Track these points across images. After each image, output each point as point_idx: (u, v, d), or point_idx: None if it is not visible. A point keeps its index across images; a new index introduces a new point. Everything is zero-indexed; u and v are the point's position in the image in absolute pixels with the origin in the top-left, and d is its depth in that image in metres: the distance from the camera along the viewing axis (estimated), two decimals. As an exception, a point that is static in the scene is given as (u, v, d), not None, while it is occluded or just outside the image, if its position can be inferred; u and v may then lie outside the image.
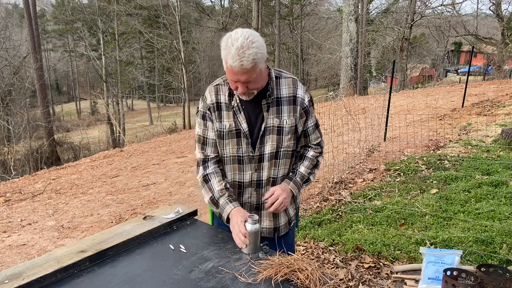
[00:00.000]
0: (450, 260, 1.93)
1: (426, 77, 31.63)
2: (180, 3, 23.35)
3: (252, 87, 1.65)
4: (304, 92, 1.80)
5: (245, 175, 1.80)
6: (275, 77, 1.77)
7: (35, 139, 19.49)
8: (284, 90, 1.77)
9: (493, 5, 23.79)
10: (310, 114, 1.82)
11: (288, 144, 1.78)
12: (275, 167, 1.80)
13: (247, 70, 1.56)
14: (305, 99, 1.79)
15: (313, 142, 1.88)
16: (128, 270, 1.46)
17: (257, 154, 1.76)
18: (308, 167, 1.87)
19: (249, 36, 1.57)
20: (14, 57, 21.74)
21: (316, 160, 1.90)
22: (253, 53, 1.55)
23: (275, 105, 1.75)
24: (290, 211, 1.93)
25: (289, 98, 1.76)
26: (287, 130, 1.76)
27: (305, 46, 36.25)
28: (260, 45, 1.58)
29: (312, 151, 1.89)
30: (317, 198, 4.56)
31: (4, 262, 3.71)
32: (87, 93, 41.18)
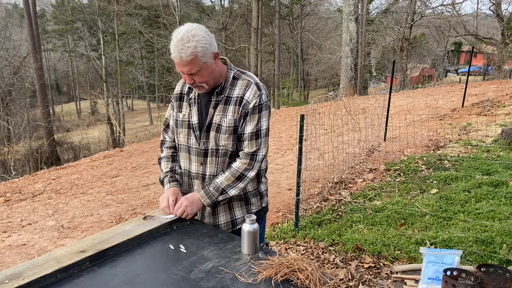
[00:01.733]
0: (450, 260, 1.93)
1: (426, 77, 31.63)
2: (180, 3, 23.34)
3: (199, 81, 1.72)
4: (254, 96, 1.77)
5: (193, 165, 1.90)
6: (232, 77, 1.81)
7: (35, 139, 19.49)
8: (237, 90, 1.79)
9: (493, 5, 23.80)
10: (250, 119, 1.78)
11: (225, 143, 1.80)
12: (216, 165, 1.84)
13: (186, 62, 1.64)
14: (251, 103, 1.76)
15: (245, 150, 1.80)
16: (128, 270, 1.46)
17: (202, 148, 1.84)
18: (228, 178, 1.80)
19: (192, 30, 1.64)
20: (14, 57, 21.75)
21: (241, 173, 1.80)
22: (192, 46, 1.62)
23: (223, 103, 1.79)
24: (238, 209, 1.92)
25: (237, 99, 1.78)
26: (224, 129, 1.78)
27: (305, 46, 36.23)
28: (202, 39, 1.64)
29: (239, 163, 1.81)
30: (317, 198, 4.56)
31: (4, 262, 3.71)
32: (87, 93, 41.18)
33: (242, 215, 1.92)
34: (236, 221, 1.93)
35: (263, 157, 1.84)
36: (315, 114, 4.37)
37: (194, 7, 30.10)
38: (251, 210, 1.94)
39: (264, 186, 2.00)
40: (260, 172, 1.94)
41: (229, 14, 28.35)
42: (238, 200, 1.91)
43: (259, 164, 1.84)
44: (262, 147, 1.82)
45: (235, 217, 1.92)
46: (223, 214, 1.92)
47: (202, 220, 1.94)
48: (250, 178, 1.82)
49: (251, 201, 1.94)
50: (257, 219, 1.94)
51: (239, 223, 1.92)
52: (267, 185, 2.05)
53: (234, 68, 1.85)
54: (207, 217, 1.93)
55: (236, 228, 1.92)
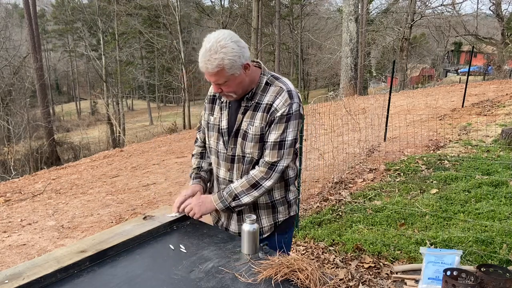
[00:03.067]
0: (450, 260, 1.93)
1: (426, 77, 31.63)
2: (180, 3, 23.35)
3: (227, 90, 1.67)
4: (284, 104, 1.68)
5: (221, 171, 1.86)
6: (265, 83, 1.74)
7: (35, 139, 19.50)
8: (267, 97, 1.71)
9: (493, 5, 23.80)
10: (275, 127, 1.69)
11: (251, 151, 1.74)
12: (242, 172, 1.79)
13: (212, 73, 1.60)
14: (279, 111, 1.68)
15: (266, 158, 1.72)
16: (128, 270, 1.46)
17: (229, 154, 1.79)
18: (243, 185, 1.73)
19: (221, 40, 1.57)
20: (14, 57, 21.76)
21: (256, 181, 1.72)
22: (219, 58, 1.56)
23: (252, 110, 1.73)
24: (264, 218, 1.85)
25: (266, 106, 1.70)
26: (250, 137, 1.72)
27: (305, 46, 36.24)
28: (230, 51, 1.57)
29: (257, 170, 1.74)
30: (317, 198, 4.56)
31: (4, 262, 3.71)
32: (87, 93, 41.19)
33: (269, 224, 1.86)
34: (263, 229, 1.85)
35: (283, 168, 1.74)
36: (315, 114, 4.37)
37: (194, 7, 30.11)
38: (278, 219, 1.87)
39: (292, 194, 1.92)
40: (288, 180, 1.86)
41: (229, 14, 28.34)
42: (265, 208, 1.84)
43: (278, 175, 1.74)
44: (284, 158, 1.73)
45: (261, 225, 1.86)
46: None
47: (228, 226, 1.89)
48: (266, 187, 1.74)
49: (278, 210, 1.86)
50: (285, 228, 1.90)
51: (266, 231, 1.86)
52: (296, 194, 1.98)
53: (268, 73, 1.77)
54: (233, 224, 1.87)
55: (262, 237, 1.85)
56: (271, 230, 1.87)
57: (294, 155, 1.84)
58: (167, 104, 40.76)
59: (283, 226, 1.89)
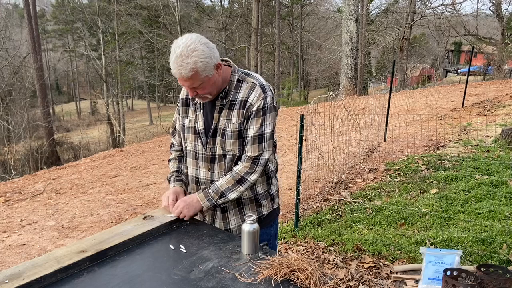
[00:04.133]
0: (450, 260, 1.93)
1: (426, 77, 31.62)
2: (180, 3, 23.36)
3: (202, 92, 1.69)
4: (258, 98, 1.72)
5: (200, 171, 1.88)
6: (237, 80, 1.76)
7: (35, 139, 19.50)
8: (241, 94, 1.74)
9: (493, 5, 23.79)
10: (253, 122, 1.73)
11: (232, 148, 1.77)
12: (224, 170, 1.82)
13: (187, 78, 1.61)
14: (254, 105, 1.72)
15: (248, 153, 1.76)
16: (128, 270, 1.46)
17: (208, 154, 1.82)
18: (228, 181, 1.76)
19: (191, 44, 1.58)
20: (14, 57, 21.75)
21: (241, 176, 1.76)
22: (192, 62, 1.57)
23: (228, 108, 1.75)
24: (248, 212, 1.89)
25: (241, 102, 1.74)
26: (229, 134, 1.75)
27: (305, 46, 36.24)
28: (201, 53, 1.58)
29: (240, 166, 1.77)
30: (317, 198, 4.56)
31: (4, 262, 3.71)
32: (87, 93, 41.17)
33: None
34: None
35: (265, 161, 1.80)
36: (315, 114, 4.37)
37: (194, 7, 30.13)
38: (263, 213, 1.91)
39: (274, 187, 1.96)
40: (269, 174, 1.90)
41: (229, 14, 28.36)
42: (248, 203, 1.88)
43: (261, 168, 1.79)
44: (265, 151, 1.78)
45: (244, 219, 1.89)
46: (234, 217, 1.90)
47: (213, 224, 1.91)
48: (251, 181, 1.78)
49: (262, 203, 1.91)
50: (269, 221, 1.94)
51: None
52: (278, 186, 2.02)
53: (239, 71, 1.80)
54: (218, 222, 1.90)
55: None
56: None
57: (274, 148, 1.88)
58: (167, 104, 40.74)
59: (267, 220, 1.94)
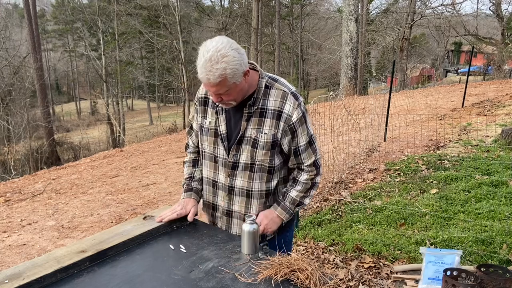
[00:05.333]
0: (450, 260, 1.93)
1: (426, 77, 31.62)
2: (180, 3, 23.34)
3: (227, 99, 1.61)
4: (294, 107, 1.66)
5: (220, 176, 1.79)
6: (265, 86, 1.68)
7: (35, 139, 19.50)
8: (272, 102, 1.66)
9: (493, 5, 23.79)
10: (299, 132, 1.70)
11: (263, 159, 1.70)
12: (249, 180, 1.74)
13: (214, 84, 1.53)
14: (293, 116, 1.66)
15: (306, 162, 1.75)
16: (128, 270, 1.46)
17: (231, 160, 1.73)
18: (301, 191, 1.78)
19: (222, 49, 1.50)
20: (14, 57, 21.74)
21: (311, 183, 1.80)
22: (221, 68, 1.49)
23: (258, 116, 1.67)
24: None
25: (273, 112, 1.66)
26: (261, 144, 1.67)
27: (305, 46, 36.23)
28: (232, 59, 1.50)
29: (306, 175, 1.77)
30: (317, 198, 4.56)
31: (4, 262, 3.71)
32: (87, 93, 41.17)
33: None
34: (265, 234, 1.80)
35: (321, 159, 1.83)
36: (315, 114, 4.37)
37: (194, 7, 30.12)
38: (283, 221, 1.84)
39: None
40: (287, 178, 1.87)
41: (229, 14, 28.34)
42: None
43: (321, 168, 1.82)
44: (318, 151, 1.78)
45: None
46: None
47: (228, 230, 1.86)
48: (319, 183, 1.84)
49: None
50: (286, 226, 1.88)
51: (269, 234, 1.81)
52: None
53: (265, 75, 1.71)
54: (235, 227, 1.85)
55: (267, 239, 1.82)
56: (275, 232, 1.84)
57: None
58: (167, 104, 40.74)
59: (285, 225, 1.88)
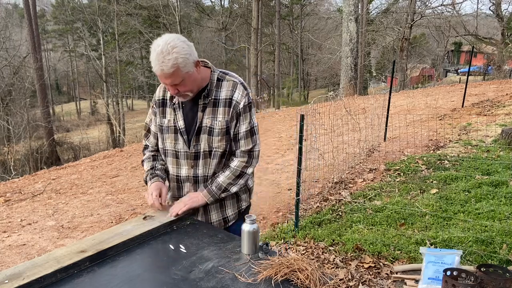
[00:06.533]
0: (450, 260, 1.93)
1: (426, 77, 31.61)
2: (180, 3, 23.36)
3: (183, 90, 1.74)
4: (242, 95, 1.82)
5: (182, 169, 1.92)
6: (217, 79, 1.84)
7: (35, 139, 19.50)
8: (224, 92, 1.82)
9: (493, 5, 23.79)
10: (243, 118, 1.84)
11: (219, 145, 1.85)
12: (210, 166, 1.89)
13: (169, 74, 1.66)
14: (241, 103, 1.81)
15: (242, 148, 1.87)
16: (128, 270, 1.46)
17: (192, 151, 1.87)
18: (229, 177, 1.87)
19: (171, 42, 1.65)
20: (14, 57, 21.73)
21: (240, 171, 1.88)
22: (173, 58, 1.63)
23: (212, 106, 1.82)
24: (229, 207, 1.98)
25: (225, 100, 1.81)
26: (217, 131, 1.82)
27: (305, 46, 36.23)
28: (182, 50, 1.65)
29: (237, 161, 1.88)
30: (317, 198, 4.56)
31: (4, 262, 3.71)
32: (87, 93, 41.16)
33: (233, 213, 1.99)
34: (227, 219, 1.99)
35: (258, 153, 1.92)
36: (315, 114, 4.37)
37: (194, 7, 30.12)
38: (242, 207, 2.01)
39: (251, 182, 2.05)
40: None
41: (229, 14, 28.36)
42: (230, 198, 1.97)
43: (256, 160, 1.92)
44: (257, 143, 1.90)
45: (226, 214, 1.98)
46: (215, 212, 1.96)
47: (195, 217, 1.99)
48: (249, 174, 1.92)
49: (241, 198, 2.01)
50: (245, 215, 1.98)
51: (231, 220, 1.99)
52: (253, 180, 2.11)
53: (217, 70, 1.88)
54: (199, 216, 1.97)
55: (228, 225, 1.99)
56: (236, 218, 1.99)
57: None
58: (167, 104, 40.64)
59: (246, 213, 2.02)
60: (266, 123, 10.60)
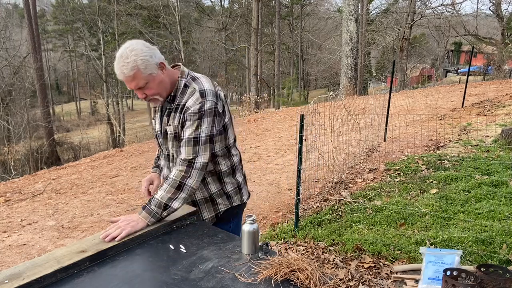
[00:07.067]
0: (450, 260, 1.93)
1: (426, 77, 31.62)
2: (180, 3, 23.37)
3: (150, 93, 1.75)
4: (195, 102, 1.73)
5: (164, 169, 2.00)
6: (184, 85, 1.83)
7: (35, 139, 19.50)
8: (184, 98, 1.80)
9: (493, 5, 23.79)
10: (189, 125, 1.74)
11: (174, 150, 1.87)
12: None
13: (131, 77, 1.68)
14: (190, 109, 1.74)
15: (182, 156, 1.74)
16: (128, 270, 1.46)
17: (165, 153, 1.95)
18: (167, 190, 1.71)
19: (129, 46, 1.69)
20: (14, 57, 21.74)
21: (179, 182, 1.71)
22: (132, 61, 1.65)
23: (174, 111, 1.83)
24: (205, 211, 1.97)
25: (181, 106, 1.80)
26: (170, 136, 1.85)
27: (305, 46, 36.25)
28: (140, 52, 1.67)
29: (176, 170, 1.73)
30: (317, 198, 4.56)
31: (4, 262, 3.71)
32: (87, 93, 41.17)
33: (210, 215, 1.97)
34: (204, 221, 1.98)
35: (202, 164, 1.75)
36: (315, 114, 4.37)
37: (194, 7, 30.14)
38: (219, 210, 1.97)
39: (230, 186, 1.96)
40: (220, 174, 1.92)
41: (229, 14, 28.37)
42: (204, 202, 1.95)
43: (198, 172, 1.74)
44: (200, 154, 1.74)
45: (202, 217, 1.96)
46: None
47: None
48: (190, 186, 1.73)
49: (217, 201, 1.96)
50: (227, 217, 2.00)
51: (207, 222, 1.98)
52: (236, 185, 1.99)
53: (187, 75, 1.85)
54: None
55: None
56: (213, 221, 1.97)
57: (226, 150, 1.91)
58: (167, 104, 40.65)
59: (225, 216, 1.98)
60: (266, 123, 10.61)
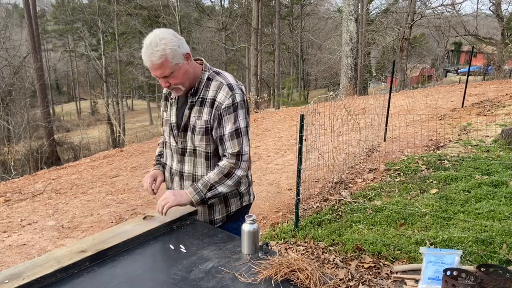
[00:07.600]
0: (450, 260, 1.93)
1: (426, 77, 31.61)
2: (180, 3, 23.37)
3: (174, 82, 1.77)
4: (226, 97, 1.78)
5: (174, 163, 1.98)
6: (207, 78, 1.84)
7: (35, 139, 19.50)
8: (210, 92, 1.82)
9: (493, 5, 23.78)
10: (226, 119, 1.79)
11: (200, 144, 1.85)
12: (194, 165, 1.91)
13: (158, 65, 1.70)
14: (223, 104, 1.78)
15: (229, 150, 1.81)
16: (128, 270, 1.46)
17: (179, 147, 1.91)
18: (217, 174, 1.81)
19: (160, 34, 1.71)
20: (14, 57, 21.73)
21: (228, 170, 1.81)
22: (161, 49, 1.67)
23: (199, 105, 1.83)
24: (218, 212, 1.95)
25: (210, 101, 1.81)
26: (197, 130, 1.83)
27: (305, 46, 36.23)
28: (170, 41, 1.69)
29: (226, 161, 1.82)
30: (317, 198, 4.56)
31: (4, 262, 3.71)
32: (87, 93, 41.16)
33: (221, 216, 1.96)
34: (214, 221, 1.96)
35: (248, 155, 1.85)
36: (315, 114, 4.37)
37: (194, 7, 30.13)
38: (231, 211, 1.97)
39: (243, 186, 1.99)
40: None
41: (229, 14, 28.37)
42: (218, 203, 1.94)
43: (246, 164, 1.85)
44: (244, 145, 1.83)
45: (214, 217, 1.96)
46: (202, 215, 1.95)
47: None
48: (238, 176, 1.83)
49: (230, 202, 1.96)
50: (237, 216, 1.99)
51: (218, 222, 1.97)
52: (247, 185, 2.03)
53: (210, 69, 1.88)
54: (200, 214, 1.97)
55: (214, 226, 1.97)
56: (223, 221, 1.97)
57: None
58: (167, 104, 40.63)
59: (235, 215, 1.99)
60: (266, 123, 10.61)
